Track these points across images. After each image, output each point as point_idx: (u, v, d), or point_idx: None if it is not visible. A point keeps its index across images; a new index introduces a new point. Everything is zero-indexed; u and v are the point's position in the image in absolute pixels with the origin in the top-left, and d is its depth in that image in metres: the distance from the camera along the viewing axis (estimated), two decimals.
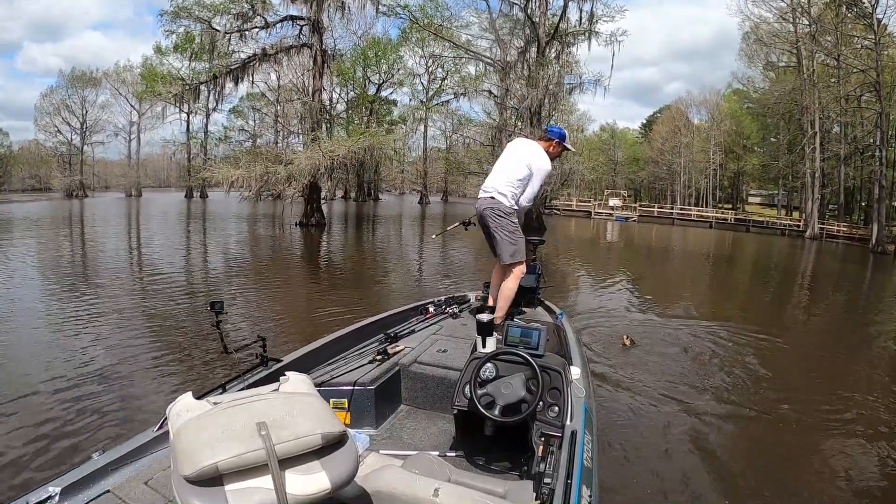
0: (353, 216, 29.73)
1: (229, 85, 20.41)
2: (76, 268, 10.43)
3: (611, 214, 38.37)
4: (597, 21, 21.66)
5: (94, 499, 1.52)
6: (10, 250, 12.69)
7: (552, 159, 3.63)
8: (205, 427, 1.08)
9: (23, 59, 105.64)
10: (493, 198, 3.47)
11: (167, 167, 61.31)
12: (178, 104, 22.16)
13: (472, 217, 4.09)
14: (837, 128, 31.84)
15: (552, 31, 21.32)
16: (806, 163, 29.80)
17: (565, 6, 21.33)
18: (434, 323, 3.58)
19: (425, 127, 47.62)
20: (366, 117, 38.85)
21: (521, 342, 2.42)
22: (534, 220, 20.94)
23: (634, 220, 36.86)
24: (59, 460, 3.02)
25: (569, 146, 3.71)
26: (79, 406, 3.76)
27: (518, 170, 3.47)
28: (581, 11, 21.55)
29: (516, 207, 3.50)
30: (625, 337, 5.73)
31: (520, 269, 3.48)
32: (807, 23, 28.57)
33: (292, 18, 19.75)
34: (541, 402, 2.15)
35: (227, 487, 1.02)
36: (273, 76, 30.15)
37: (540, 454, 1.84)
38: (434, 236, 7.46)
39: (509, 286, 3.45)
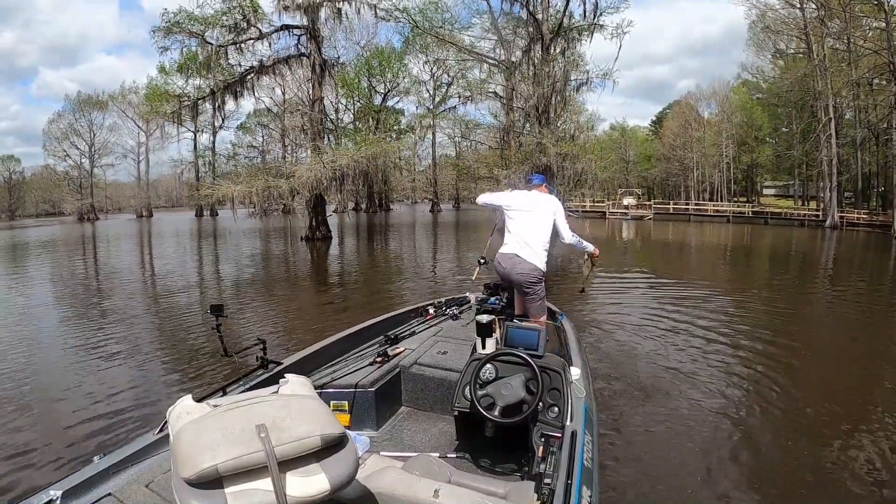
0: (362, 228, 29.58)
1: (230, 100, 20.10)
2: (92, 287, 10.69)
3: (625, 214, 37.81)
4: (601, 13, 21.03)
5: (95, 502, 1.54)
6: (29, 272, 13.21)
7: None
8: (205, 429, 1.10)
9: (38, 85, 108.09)
10: (525, 263, 3.42)
11: (178, 187, 61.84)
12: (177, 122, 21.88)
13: (483, 255, 4.33)
14: (850, 113, 31.18)
15: (556, 27, 20.66)
16: (822, 150, 29.19)
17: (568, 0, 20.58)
18: (434, 325, 3.59)
19: (433, 134, 47.66)
20: (373, 127, 38.89)
21: (521, 343, 2.42)
22: None
23: (650, 219, 35.97)
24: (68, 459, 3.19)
25: (552, 188, 3.94)
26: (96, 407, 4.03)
27: (545, 225, 3.51)
28: (585, 4, 20.87)
29: (545, 271, 3.49)
30: None
31: (542, 320, 3.47)
32: (814, 7, 28.13)
33: (288, 28, 19.21)
34: (541, 403, 2.15)
35: (227, 489, 1.04)
36: (277, 91, 30.18)
37: (540, 455, 1.85)
38: (472, 280, 7.48)
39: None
